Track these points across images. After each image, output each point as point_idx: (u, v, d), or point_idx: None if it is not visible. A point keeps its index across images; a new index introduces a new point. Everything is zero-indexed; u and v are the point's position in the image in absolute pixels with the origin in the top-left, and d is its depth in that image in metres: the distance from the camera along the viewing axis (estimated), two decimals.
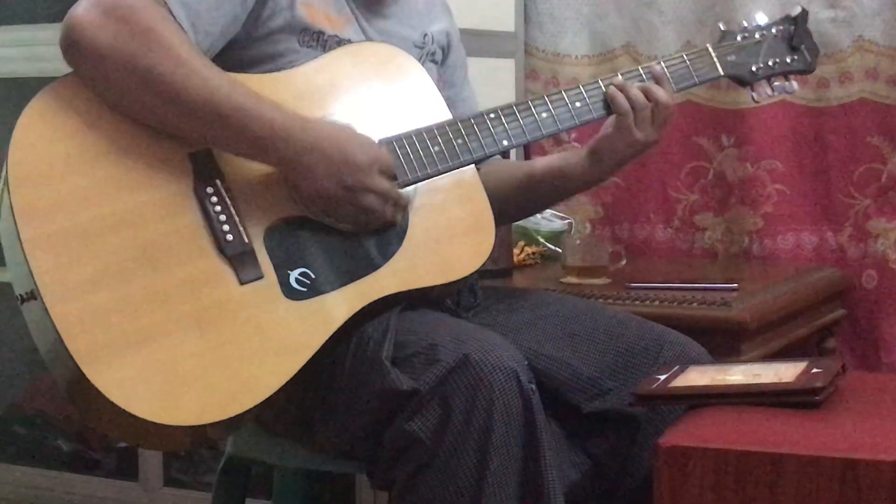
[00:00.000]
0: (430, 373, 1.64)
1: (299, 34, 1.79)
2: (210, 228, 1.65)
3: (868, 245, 2.77)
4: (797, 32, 2.05)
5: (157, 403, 1.55)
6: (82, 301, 1.56)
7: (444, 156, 1.80)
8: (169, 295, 1.60)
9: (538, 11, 3.09)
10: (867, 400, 1.71)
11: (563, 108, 1.89)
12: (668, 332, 1.91)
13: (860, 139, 2.76)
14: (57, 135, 1.62)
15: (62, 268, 1.57)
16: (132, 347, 1.57)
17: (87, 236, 1.59)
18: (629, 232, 3.00)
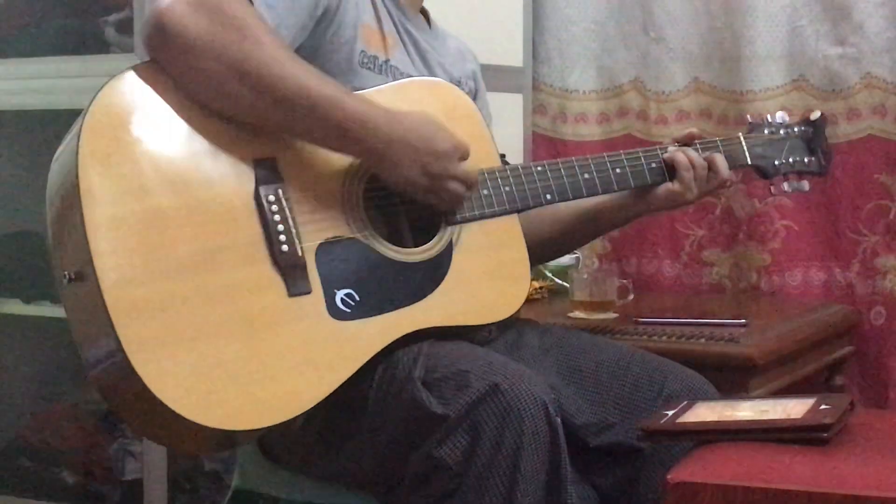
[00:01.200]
0: (460, 399, 1.64)
1: (359, 54, 1.83)
2: (266, 236, 1.65)
3: (876, 282, 2.77)
4: (815, 136, 2.14)
5: (196, 402, 1.54)
6: (137, 290, 1.55)
7: (493, 201, 1.85)
8: (220, 296, 1.60)
9: (546, 47, 3.11)
10: (876, 437, 1.70)
11: (604, 174, 1.96)
12: (674, 367, 1.90)
13: (868, 176, 2.77)
14: (129, 120, 1.61)
15: (121, 253, 1.55)
16: (180, 343, 1.55)
17: (148, 226, 1.58)
18: (637, 267, 3.01)
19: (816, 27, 2.79)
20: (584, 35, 3.06)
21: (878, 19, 2.72)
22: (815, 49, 2.80)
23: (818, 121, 2.15)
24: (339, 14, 1.80)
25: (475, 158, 1.85)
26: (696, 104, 2.94)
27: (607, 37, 3.04)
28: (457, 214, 1.81)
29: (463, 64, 2.08)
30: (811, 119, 2.15)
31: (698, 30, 2.92)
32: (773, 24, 2.82)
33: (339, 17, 1.80)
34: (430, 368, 1.69)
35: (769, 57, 2.83)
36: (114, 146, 1.59)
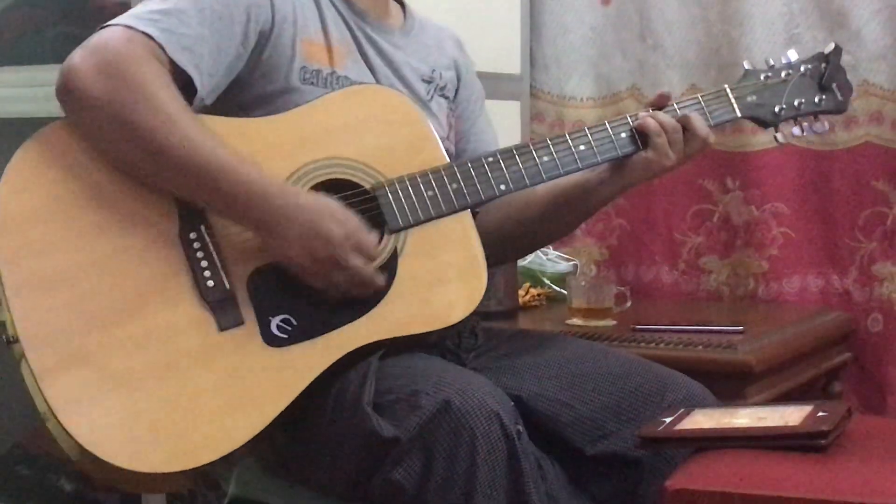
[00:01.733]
0: (411, 420, 1.62)
1: (300, 71, 1.80)
2: (192, 274, 1.65)
3: (874, 288, 2.77)
4: (829, 70, 1.95)
5: (128, 450, 1.56)
6: (59, 347, 1.57)
7: (438, 201, 1.77)
8: (147, 341, 1.61)
9: (544, 54, 3.11)
10: (873, 444, 1.70)
11: (566, 152, 1.85)
12: (671, 374, 1.90)
13: (865, 183, 2.77)
14: (46, 179, 1.63)
15: (41, 313, 1.58)
16: (106, 393, 1.57)
17: (68, 281, 1.59)
18: (634, 274, 3.01)
19: (813, 34, 2.79)
20: (582, 42, 3.06)
21: (874, 26, 2.73)
22: None
23: (832, 53, 1.95)
24: (274, 36, 1.77)
25: (418, 161, 1.79)
26: None
27: (604, 44, 3.04)
28: (398, 220, 1.75)
29: (440, 55, 2.02)
30: (824, 53, 1.96)
31: (695, 37, 2.92)
32: (770, 31, 2.83)
33: (273, 40, 1.77)
34: (383, 390, 1.68)
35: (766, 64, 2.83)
36: (27, 209, 1.61)
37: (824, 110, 1.97)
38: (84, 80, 1.61)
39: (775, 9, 2.82)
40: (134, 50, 1.63)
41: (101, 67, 1.61)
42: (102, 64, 1.61)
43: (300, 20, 1.81)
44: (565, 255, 2.92)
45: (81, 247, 1.61)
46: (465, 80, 2.07)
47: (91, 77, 1.61)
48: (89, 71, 1.61)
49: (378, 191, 1.76)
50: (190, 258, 1.65)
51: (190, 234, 1.66)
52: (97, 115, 1.62)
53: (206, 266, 1.65)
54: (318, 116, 1.77)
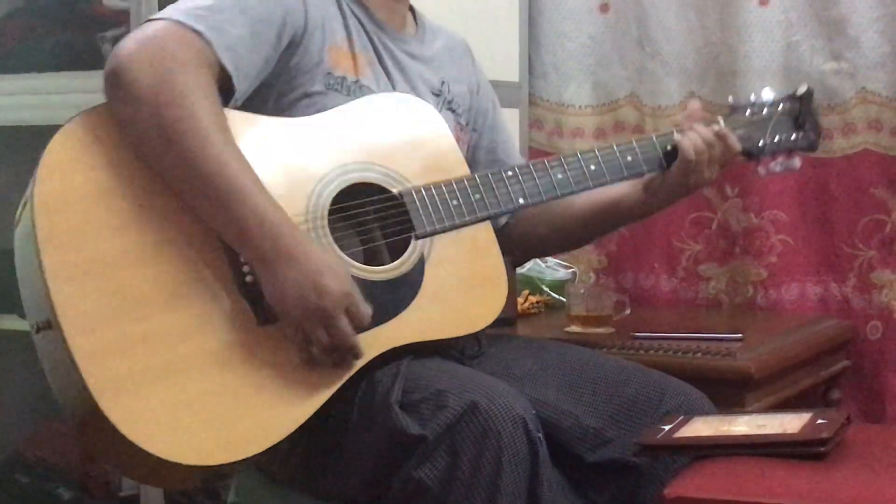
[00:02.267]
0: (438, 419, 1.64)
1: (325, 77, 1.82)
2: (232, 266, 1.65)
3: (872, 296, 2.77)
4: (802, 111, 2.05)
5: (169, 441, 1.55)
6: (101, 334, 1.55)
7: (462, 210, 1.81)
8: (187, 332, 1.60)
9: (542, 62, 3.11)
10: (872, 451, 1.70)
11: (578, 170, 1.90)
12: (670, 382, 1.90)
13: (864, 190, 2.77)
14: (87, 163, 1.62)
15: (83, 298, 1.56)
16: (149, 383, 1.56)
17: (109, 268, 1.58)
18: (633, 281, 3.01)
19: (812, 42, 2.80)
20: (580, 50, 3.06)
21: (872, 34, 2.73)
22: (810, 64, 2.80)
23: (805, 94, 2.06)
24: (305, 42, 1.79)
25: (443, 171, 1.83)
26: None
27: (603, 52, 3.04)
28: (426, 227, 1.78)
29: (451, 66, 2.05)
30: (797, 94, 2.06)
31: (694, 45, 2.93)
32: (768, 39, 2.83)
33: (304, 45, 1.79)
34: (409, 389, 1.69)
35: (765, 72, 2.84)
36: (70, 193, 1.60)
37: (799, 147, 2.07)
38: (136, 73, 1.61)
39: (773, 17, 2.82)
40: (187, 52, 1.65)
41: (154, 64, 1.62)
42: (156, 59, 1.62)
43: (328, 28, 1.84)
44: (564, 262, 2.92)
45: (123, 234, 1.61)
46: (481, 92, 2.12)
47: (143, 71, 1.61)
48: (142, 64, 1.62)
49: (406, 197, 1.79)
50: (228, 251, 1.65)
51: None
52: (139, 109, 1.62)
53: (245, 261, 1.65)
54: (350, 120, 1.80)
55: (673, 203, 2.01)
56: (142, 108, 1.61)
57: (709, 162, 1.94)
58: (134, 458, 1.55)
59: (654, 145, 1.95)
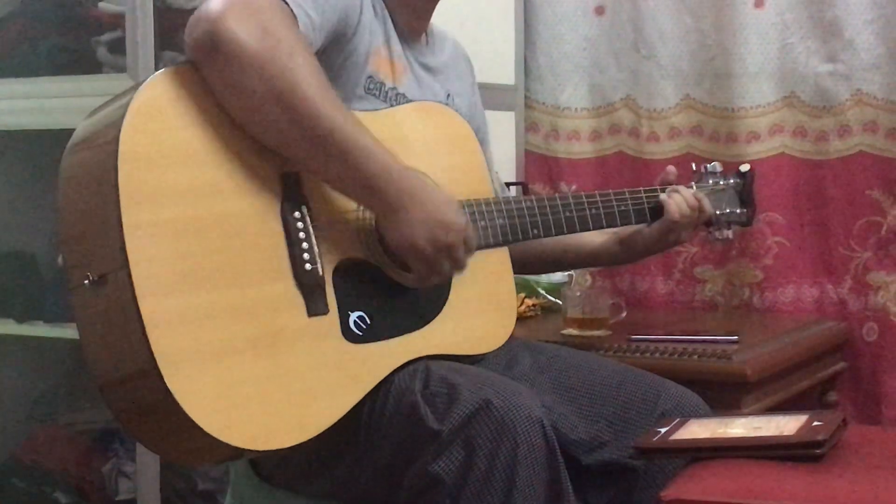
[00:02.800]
0: (453, 414, 1.64)
1: (366, 80, 1.83)
2: (290, 253, 1.65)
3: (868, 298, 2.77)
4: (746, 188, 2.22)
5: (220, 419, 1.53)
6: (170, 300, 1.52)
7: (488, 233, 1.85)
8: (245, 312, 1.59)
9: (538, 65, 3.12)
10: (868, 454, 1.70)
11: (582, 213, 1.99)
12: (666, 384, 1.90)
13: (859, 192, 2.77)
14: (168, 123, 1.58)
15: (157, 261, 1.52)
16: (208, 358, 1.54)
17: (183, 233, 1.55)
18: (630, 284, 3.01)
19: (807, 44, 2.80)
20: (576, 53, 3.07)
21: (867, 36, 2.74)
22: (805, 66, 2.81)
23: (748, 173, 2.21)
24: (355, 40, 1.80)
25: (471, 188, 1.88)
26: (687, 121, 2.95)
27: (599, 55, 3.05)
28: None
29: (455, 78, 2.07)
30: (741, 171, 2.21)
31: (689, 47, 2.93)
32: (763, 41, 2.83)
33: (353, 43, 1.80)
34: (423, 384, 1.70)
35: (760, 74, 2.84)
36: (154, 149, 1.56)
37: (739, 222, 2.22)
38: (235, 32, 1.56)
39: (768, 19, 2.83)
40: (280, 12, 1.62)
41: (255, 23, 1.58)
42: (255, 19, 1.58)
43: (374, 30, 1.84)
44: None
45: (199, 201, 1.58)
46: (477, 109, 2.14)
47: (244, 30, 1.57)
48: (241, 23, 1.57)
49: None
50: (290, 236, 1.65)
51: (294, 213, 1.66)
52: (248, 70, 1.57)
53: (306, 248, 1.65)
54: (392, 125, 1.81)
55: (645, 258, 2.20)
56: (250, 69, 1.57)
57: (687, 224, 2.08)
58: (176, 430, 1.53)
59: (643, 199, 2.07)
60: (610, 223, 2.03)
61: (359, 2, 1.80)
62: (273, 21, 1.60)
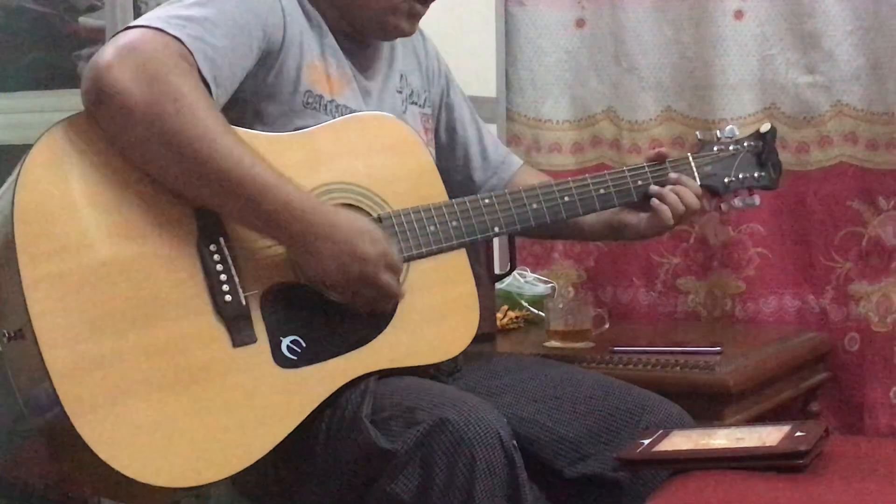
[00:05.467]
0: (408, 434, 1.64)
1: (304, 95, 1.81)
2: (209, 286, 1.64)
3: (850, 308, 2.78)
4: (765, 149, 2.13)
5: (140, 462, 1.53)
6: (77, 348, 1.53)
7: (439, 237, 1.83)
8: (162, 350, 1.59)
9: (519, 77, 3.12)
10: (851, 464, 1.70)
11: (553, 202, 1.94)
12: (649, 396, 1.90)
13: (840, 203, 2.78)
14: (68, 172, 1.59)
15: (59, 312, 1.54)
16: (122, 401, 1.54)
17: (87, 282, 1.56)
18: (612, 295, 3.01)
19: (787, 56, 2.81)
20: (557, 65, 3.07)
21: (847, 47, 2.75)
22: (785, 77, 2.82)
23: (768, 134, 2.13)
24: (282, 58, 1.78)
25: (421, 193, 1.84)
26: (668, 133, 2.95)
27: (580, 67, 3.05)
28: (403, 252, 1.79)
29: (405, 56, 2.03)
30: (761, 132, 2.14)
31: (670, 59, 2.94)
32: (743, 53, 2.84)
33: (281, 60, 1.78)
34: (378, 408, 1.69)
35: (740, 85, 2.85)
36: (51, 202, 1.57)
37: (761, 186, 2.14)
38: (121, 83, 1.57)
39: (749, 31, 2.83)
40: (170, 56, 1.61)
41: (140, 71, 1.58)
42: (141, 67, 1.58)
43: (305, 44, 1.82)
44: (543, 277, 2.92)
45: (102, 247, 1.58)
46: (435, 72, 2.11)
47: (129, 80, 1.57)
48: (126, 73, 1.57)
49: (385, 220, 1.79)
50: (207, 270, 1.64)
51: (210, 246, 1.65)
52: (134, 120, 1.58)
53: (224, 280, 1.65)
54: (330, 140, 1.80)
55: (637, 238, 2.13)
56: (137, 119, 1.58)
57: (683, 220, 2.04)
58: (105, 475, 1.54)
59: (627, 180, 2.01)
60: (587, 209, 1.98)
61: (280, 18, 1.78)
62: (161, 67, 1.59)
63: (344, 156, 1.81)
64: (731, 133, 2.12)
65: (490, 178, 2.13)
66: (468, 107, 2.16)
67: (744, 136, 2.13)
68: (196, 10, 1.68)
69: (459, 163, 2.11)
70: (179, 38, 1.63)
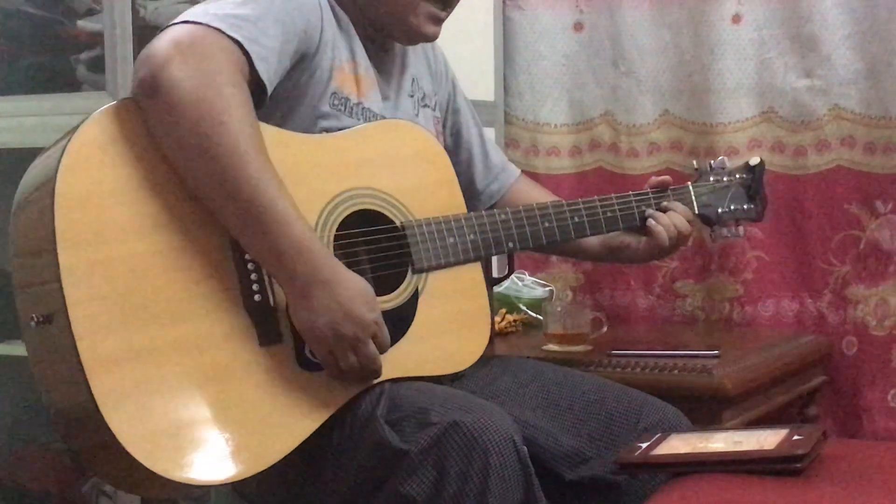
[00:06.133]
0: (422, 435, 1.64)
1: (331, 97, 1.81)
2: (240, 284, 1.64)
3: (848, 312, 2.78)
4: (755, 182, 2.17)
5: (166, 456, 1.53)
6: (110, 339, 1.53)
7: (458, 249, 1.85)
8: (192, 346, 1.59)
9: (517, 81, 3.12)
10: (849, 467, 1.70)
11: (564, 223, 1.98)
12: (648, 399, 1.91)
13: (838, 206, 2.78)
14: (113, 158, 1.58)
15: (96, 300, 1.53)
16: (151, 395, 1.54)
17: (123, 272, 1.56)
18: (610, 299, 3.01)
19: (785, 60, 2.81)
20: (555, 69, 3.07)
21: (844, 51, 2.75)
22: (783, 81, 2.82)
23: (757, 167, 2.18)
24: (317, 59, 1.79)
25: (441, 203, 1.86)
26: (666, 137, 2.96)
27: (578, 71, 3.05)
28: (423, 262, 1.81)
29: (415, 59, 2.04)
30: (751, 165, 2.18)
31: (668, 63, 2.94)
32: (741, 56, 2.85)
33: (315, 62, 1.79)
34: (391, 408, 1.69)
35: (738, 89, 2.85)
36: (93, 188, 1.57)
37: (747, 218, 2.19)
38: (178, 80, 1.57)
39: (746, 34, 2.84)
40: (229, 62, 1.61)
41: (198, 73, 1.58)
42: (199, 69, 1.58)
43: (338, 46, 1.83)
44: (541, 280, 2.92)
45: (140, 238, 1.58)
46: (442, 75, 2.12)
47: (186, 79, 1.57)
48: (185, 72, 1.57)
49: (408, 229, 1.81)
50: (239, 267, 1.65)
51: None
52: (179, 117, 1.58)
53: (255, 279, 1.65)
54: (359, 144, 1.81)
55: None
56: (182, 118, 1.57)
57: (679, 243, 2.07)
58: (124, 466, 1.53)
59: (632, 205, 2.05)
60: (595, 231, 2.02)
61: (319, 20, 1.79)
62: (218, 74, 1.60)
63: (371, 162, 1.82)
64: (722, 164, 2.17)
65: (491, 183, 2.14)
66: (471, 111, 2.17)
67: (735, 168, 2.18)
68: (249, 10, 1.68)
69: (463, 166, 2.12)
70: (238, 41, 1.63)
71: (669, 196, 2.09)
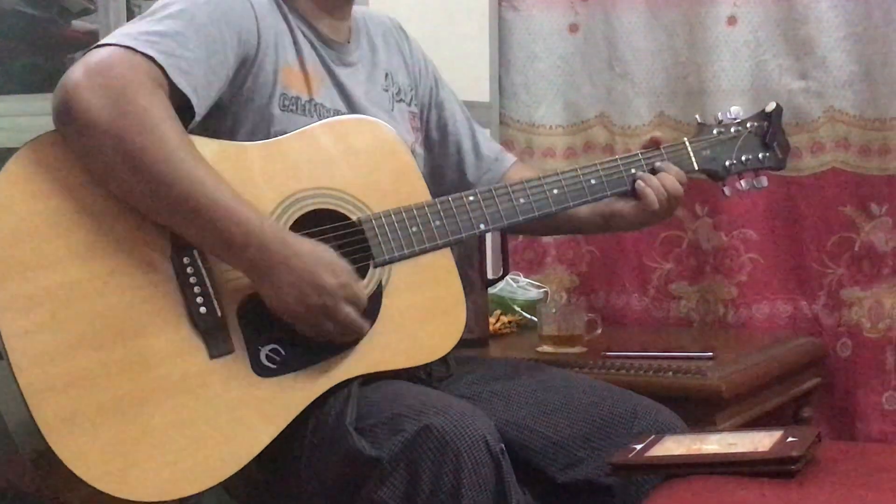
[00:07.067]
0: (393, 441, 1.63)
1: (280, 98, 1.80)
2: (184, 299, 1.64)
3: (842, 314, 2.78)
4: (770, 129, 2.06)
5: (119, 478, 1.54)
6: (51, 367, 1.54)
7: (422, 237, 1.81)
8: (139, 365, 1.59)
9: (513, 82, 3.12)
10: (843, 469, 1.70)
11: (540, 196, 1.91)
12: (642, 401, 1.90)
13: (832, 208, 2.79)
14: (34, 194, 1.59)
15: (32, 332, 1.54)
16: (100, 418, 1.55)
17: (59, 301, 1.56)
18: (605, 301, 3.01)
19: (780, 61, 2.82)
20: (550, 71, 3.07)
21: (839, 53, 2.75)
22: (778, 83, 2.82)
23: (773, 113, 2.07)
24: (259, 62, 1.77)
25: (402, 194, 1.82)
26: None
27: (573, 72, 3.05)
28: (385, 255, 1.78)
29: (389, 55, 2.02)
30: (766, 111, 2.07)
31: (663, 65, 2.94)
32: (736, 58, 2.85)
33: (258, 66, 1.77)
34: (363, 415, 1.69)
35: (733, 91, 2.86)
36: (22, 223, 1.57)
37: (766, 167, 2.07)
38: (88, 102, 1.57)
39: (742, 36, 2.84)
40: (138, 76, 1.60)
41: (107, 91, 1.58)
42: (107, 88, 1.58)
43: (280, 47, 1.81)
44: (536, 282, 2.93)
45: (76, 265, 1.58)
46: (422, 70, 2.09)
47: (96, 100, 1.57)
48: (94, 93, 1.57)
49: (365, 223, 1.78)
50: (182, 283, 1.64)
51: (183, 259, 1.64)
52: (99, 139, 1.58)
53: (199, 292, 1.64)
54: (306, 145, 1.78)
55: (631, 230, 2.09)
56: (102, 139, 1.58)
57: (672, 205, 1.98)
58: (87, 493, 1.54)
59: (619, 168, 1.97)
60: (578, 200, 1.93)
61: (254, 23, 1.77)
62: (128, 87, 1.59)
63: (321, 161, 1.79)
64: (736, 114, 2.06)
65: (483, 174, 2.11)
66: (459, 105, 2.15)
67: (747, 118, 2.07)
68: (167, 24, 1.67)
69: (452, 160, 2.10)
70: (151, 57, 1.62)
71: (663, 155, 2.00)
